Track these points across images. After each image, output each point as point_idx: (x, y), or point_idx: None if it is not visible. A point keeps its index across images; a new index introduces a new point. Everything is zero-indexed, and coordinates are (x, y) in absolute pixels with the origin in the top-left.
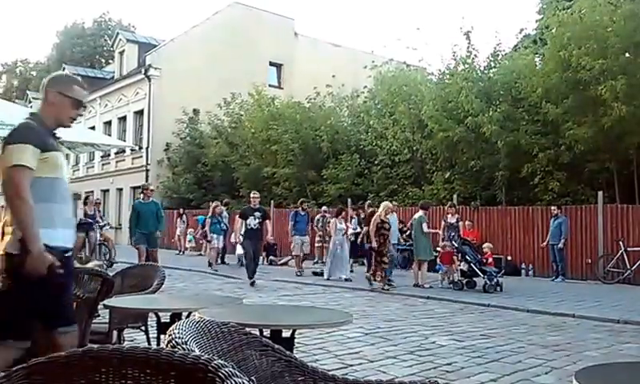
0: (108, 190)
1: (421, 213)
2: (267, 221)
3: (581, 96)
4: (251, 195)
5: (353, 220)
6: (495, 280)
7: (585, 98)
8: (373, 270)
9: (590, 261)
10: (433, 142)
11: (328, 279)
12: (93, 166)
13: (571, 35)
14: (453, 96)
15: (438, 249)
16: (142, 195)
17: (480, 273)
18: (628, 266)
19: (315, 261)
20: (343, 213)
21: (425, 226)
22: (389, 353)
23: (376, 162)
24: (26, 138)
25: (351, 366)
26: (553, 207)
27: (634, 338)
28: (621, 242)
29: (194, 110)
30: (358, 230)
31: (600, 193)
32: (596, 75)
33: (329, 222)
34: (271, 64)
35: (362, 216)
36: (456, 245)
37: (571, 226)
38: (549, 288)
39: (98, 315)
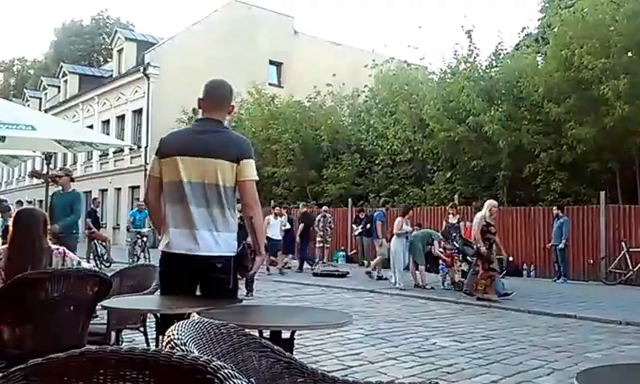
0: (106, 190)
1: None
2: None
3: (583, 95)
4: None
5: (282, 217)
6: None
7: (587, 97)
8: (478, 279)
9: (592, 261)
10: (434, 142)
11: (397, 286)
12: (91, 166)
13: (573, 34)
14: (454, 95)
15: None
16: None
17: None
18: (630, 267)
19: (316, 262)
20: (410, 212)
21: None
22: (389, 354)
23: (377, 162)
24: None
25: (351, 367)
26: (554, 208)
27: (635, 340)
28: (623, 243)
29: (194, 109)
30: (288, 226)
31: (602, 193)
32: (598, 74)
33: (330, 222)
34: (271, 63)
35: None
36: (457, 245)
37: (573, 227)
38: (550, 289)
39: (96, 316)
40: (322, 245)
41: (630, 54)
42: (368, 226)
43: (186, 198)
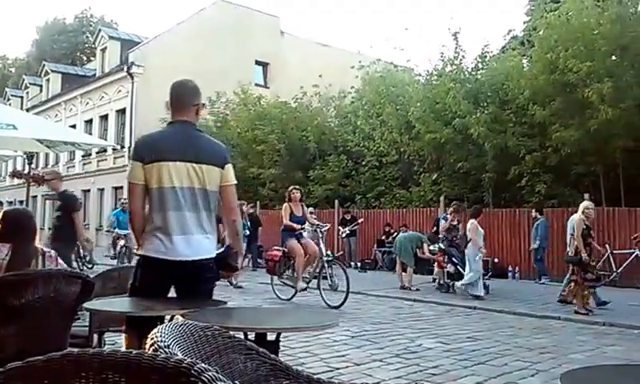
0: (89, 191)
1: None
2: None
3: (568, 98)
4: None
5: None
6: (482, 282)
7: (572, 100)
8: (571, 288)
9: None
10: (420, 144)
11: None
12: (73, 166)
13: (558, 37)
14: (440, 97)
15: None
16: None
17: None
18: (614, 269)
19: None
20: (482, 215)
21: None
22: (375, 356)
23: (363, 163)
24: None
25: (337, 369)
26: (532, 211)
27: (618, 341)
28: (607, 245)
29: None
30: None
31: (586, 195)
32: (583, 78)
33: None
34: (257, 63)
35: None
36: (443, 247)
37: (558, 229)
38: (535, 290)
39: (78, 318)
40: None
41: (613, 57)
42: (435, 228)
43: (180, 204)
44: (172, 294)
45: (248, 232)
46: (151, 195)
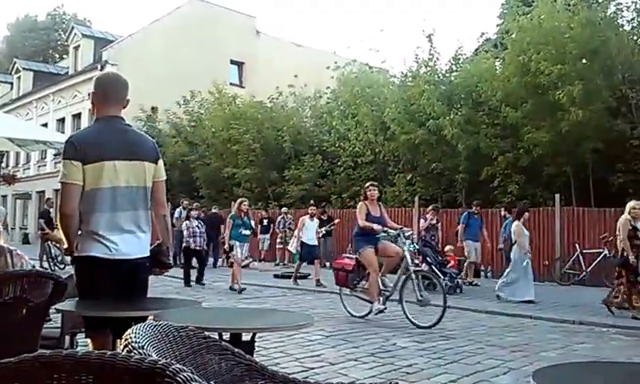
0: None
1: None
2: None
3: (539, 100)
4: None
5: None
6: (455, 281)
7: (543, 102)
8: (626, 293)
9: (547, 263)
10: (395, 144)
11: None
12: (45, 165)
13: (530, 40)
14: (415, 99)
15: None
16: None
17: (440, 274)
18: (584, 268)
19: (277, 263)
20: (526, 214)
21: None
22: (350, 355)
23: (339, 164)
24: None
25: (312, 368)
26: (502, 210)
27: (588, 338)
28: (577, 245)
29: (152, 108)
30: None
31: (557, 196)
32: (554, 80)
33: (290, 224)
34: (232, 62)
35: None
36: (417, 246)
37: (529, 229)
38: None
39: (50, 319)
40: (282, 247)
41: (583, 60)
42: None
43: (117, 204)
44: None
45: (249, 232)
46: (88, 196)
